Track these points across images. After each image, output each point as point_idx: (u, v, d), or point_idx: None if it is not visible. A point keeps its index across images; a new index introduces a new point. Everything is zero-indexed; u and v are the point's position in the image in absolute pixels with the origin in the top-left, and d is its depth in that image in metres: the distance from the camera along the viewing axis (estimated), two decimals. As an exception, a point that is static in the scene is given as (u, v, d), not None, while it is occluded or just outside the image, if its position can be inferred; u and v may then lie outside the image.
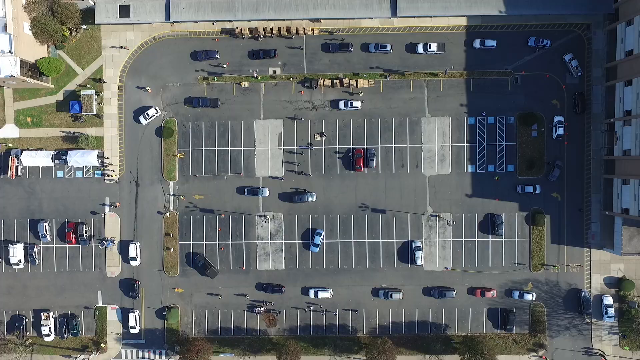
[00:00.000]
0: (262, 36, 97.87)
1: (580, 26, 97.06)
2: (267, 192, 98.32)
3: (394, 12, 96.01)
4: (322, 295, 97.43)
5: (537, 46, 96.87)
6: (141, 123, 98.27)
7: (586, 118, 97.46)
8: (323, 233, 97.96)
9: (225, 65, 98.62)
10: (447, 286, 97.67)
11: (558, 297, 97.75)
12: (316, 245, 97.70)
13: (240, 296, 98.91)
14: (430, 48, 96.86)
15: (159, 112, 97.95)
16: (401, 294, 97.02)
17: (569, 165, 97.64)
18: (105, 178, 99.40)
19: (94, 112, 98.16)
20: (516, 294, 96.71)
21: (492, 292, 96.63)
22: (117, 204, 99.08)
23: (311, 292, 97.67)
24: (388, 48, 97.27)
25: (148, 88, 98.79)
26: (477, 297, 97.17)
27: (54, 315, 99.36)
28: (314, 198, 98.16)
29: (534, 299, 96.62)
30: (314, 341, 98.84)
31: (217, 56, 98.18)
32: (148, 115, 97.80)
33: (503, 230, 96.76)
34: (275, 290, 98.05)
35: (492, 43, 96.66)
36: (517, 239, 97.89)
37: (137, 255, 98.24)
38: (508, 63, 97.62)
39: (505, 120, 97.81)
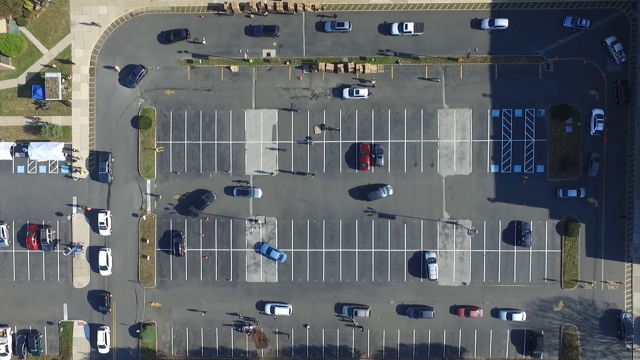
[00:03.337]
0: (254, 13, 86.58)
1: (624, 4, 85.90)
2: (259, 193, 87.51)
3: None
4: (280, 311, 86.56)
5: (574, 27, 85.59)
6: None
7: (630, 111, 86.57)
8: (284, 255, 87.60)
9: (203, 41, 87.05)
10: (426, 304, 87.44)
11: (594, 318, 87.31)
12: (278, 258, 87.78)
13: (229, 314, 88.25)
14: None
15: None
16: (368, 311, 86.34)
17: (608, 166, 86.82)
18: (72, 174, 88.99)
19: (60, 99, 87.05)
20: (503, 314, 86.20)
21: (477, 312, 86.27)
22: (88, 208, 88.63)
23: (267, 307, 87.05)
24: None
25: (117, 67, 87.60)
26: (461, 317, 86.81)
27: (12, 332, 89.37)
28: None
29: (523, 319, 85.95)
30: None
31: (189, 35, 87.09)
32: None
33: (531, 240, 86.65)
34: None
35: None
36: (546, 250, 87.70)
37: (108, 263, 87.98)
38: (539, 47, 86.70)
39: (534, 114, 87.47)
